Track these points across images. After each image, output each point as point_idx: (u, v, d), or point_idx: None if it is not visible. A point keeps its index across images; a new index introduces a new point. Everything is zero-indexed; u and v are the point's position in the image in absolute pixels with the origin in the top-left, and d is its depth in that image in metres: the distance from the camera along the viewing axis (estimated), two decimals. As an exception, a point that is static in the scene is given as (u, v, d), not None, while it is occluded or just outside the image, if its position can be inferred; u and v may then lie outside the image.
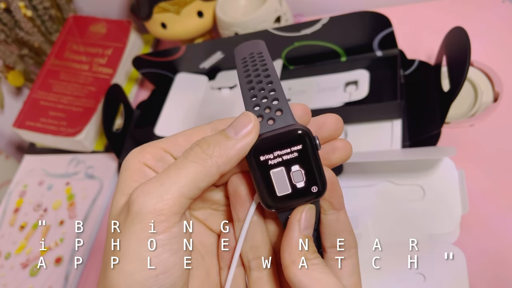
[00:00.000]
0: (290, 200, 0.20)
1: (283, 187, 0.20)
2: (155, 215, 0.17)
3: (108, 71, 0.59)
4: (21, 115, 0.59)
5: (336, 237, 0.21)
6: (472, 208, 0.35)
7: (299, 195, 0.20)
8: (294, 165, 0.19)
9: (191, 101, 0.50)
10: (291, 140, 0.19)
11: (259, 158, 0.19)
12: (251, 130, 0.19)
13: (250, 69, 0.21)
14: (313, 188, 0.20)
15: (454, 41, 0.39)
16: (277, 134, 0.19)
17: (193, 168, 0.18)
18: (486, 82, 0.45)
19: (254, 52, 0.22)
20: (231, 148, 0.19)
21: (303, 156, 0.19)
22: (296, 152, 0.19)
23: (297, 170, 0.19)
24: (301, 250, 0.19)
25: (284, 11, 0.50)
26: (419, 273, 0.34)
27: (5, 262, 0.52)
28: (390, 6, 0.55)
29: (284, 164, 0.19)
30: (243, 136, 0.19)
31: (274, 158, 0.19)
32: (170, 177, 0.18)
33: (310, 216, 0.20)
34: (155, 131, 0.47)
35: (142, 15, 0.54)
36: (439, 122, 0.39)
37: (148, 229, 0.17)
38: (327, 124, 0.21)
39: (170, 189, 0.18)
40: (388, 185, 0.38)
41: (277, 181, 0.20)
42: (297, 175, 0.20)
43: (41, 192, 0.56)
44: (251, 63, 0.22)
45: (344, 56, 0.47)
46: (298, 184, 0.20)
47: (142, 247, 0.17)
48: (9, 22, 0.64)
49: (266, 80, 0.20)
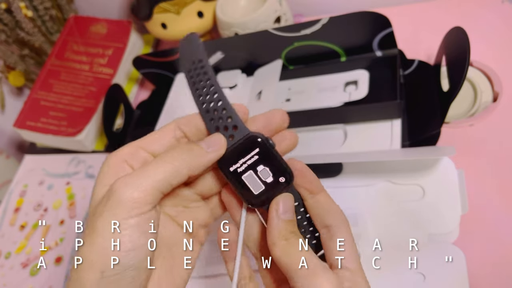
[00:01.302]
0: (267, 194, 0.24)
1: (257, 186, 0.24)
2: (132, 202, 0.21)
3: (109, 71, 0.60)
4: (21, 115, 0.59)
5: (322, 218, 0.24)
6: (471, 208, 0.35)
7: (272, 188, 0.24)
8: (258, 166, 0.24)
9: (191, 101, 0.50)
10: (249, 147, 0.24)
11: (230, 170, 0.24)
12: (220, 147, 0.24)
13: (199, 87, 0.25)
14: (281, 179, 0.24)
15: (453, 41, 0.40)
16: (237, 146, 0.24)
17: (168, 168, 0.22)
18: (486, 82, 0.45)
19: (195, 61, 0.25)
20: (202, 157, 0.23)
21: (263, 156, 0.23)
22: (256, 155, 0.23)
23: (262, 169, 0.24)
24: (282, 232, 0.23)
25: (284, 11, 0.50)
26: (419, 273, 0.34)
27: (5, 261, 0.52)
28: (389, 6, 0.55)
29: (251, 167, 0.24)
30: (213, 150, 0.23)
31: (241, 166, 0.24)
32: (147, 173, 0.22)
33: (285, 202, 0.24)
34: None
35: (142, 16, 0.55)
36: (439, 122, 0.39)
37: (125, 213, 0.21)
38: (275, 118, 0.25)
39: (146, 182, 0.21)
40: (387, 185, 0.38)
41: (250, 183, 0.24)
42: (264, 173, 0.24)
43: (42, 192, 0.57)
44: (197, 77, 0.25)
45: (344, 56, 0.47)
46: (268, 179, 0.24)
47: (117, 227, 0.21)
48: (10, 22, 0.64)
49: (215, 98, 0.24)
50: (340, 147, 0.42)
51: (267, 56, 0.48)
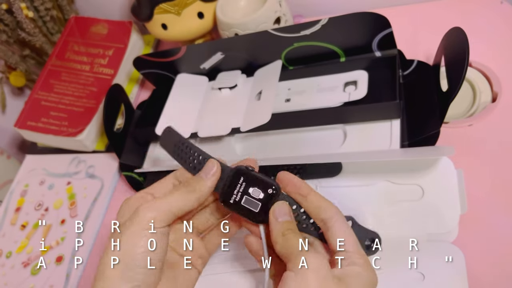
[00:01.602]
0: (265, 207, 0.29)
1: (255, 205, 0.29)
2: (150, 220, 0.27)
3: (109, 72, 0.60)
4: (22, 115, 0.59)
5: (316, 214, 0.28)
6: (470, 208, 0.35)
7: (267, 201, 0.29)
8: (249, 189, 0.29)
9: (191, 101, 0.50)
10: (236, 179, 0.29)
11: (231, 203, 0.29)
12: (216, 171, 0.30)
13: (185, 157, 0.32)
14: (269, 190, 0.29)
15: (453, 42, 0.40)
16: (228, 183, 0.29)
17: (181, 197, 0.29)
18: (485, 83, 0.45)
19: (177, 143, 0.32)
20: (205, 183, 0.30)
21: (249, 180, 0.29)
22: (243, 182, 0.29)
23: (253, 190, 0.29)
24: (280, 231, 0.27)
25: (283, 12, 0.51)
26: (418, 272, 0.34)
27: (6, 261, 0.52)
28: (389, 6, 0.55)
29: (244, 193, 0.29)
30: (211, 176, 0.30)
31: (237, 195, 0.29)
32: (165, 200, 0.29)
33: (279, 207, 0.28)
34: (156, 131, 0.47)
35: (143, 16, 0.55)
36: (438, 122, 0.39)
37: (145, 228, 0.27)
38: (249, 163, 0.31)
39: (163, 206, 0.28)
40: (387, 185, 0.38)
41: (249, 205, 0.29)
42: (255, 192, 0.29)
43: (42, 192, 0.57)
44: (181, 152, 0.32)
45: (343, 56, 0.47)
46: (260, 195, 0.29)
47: (139, 238, 0.27)
48: (11, 23, 0.64)
49: (200, 159, 0.31)
50: (340, 147, 0.42)
51: (267, 57, 0.48)
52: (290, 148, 0.45)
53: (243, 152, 0.47)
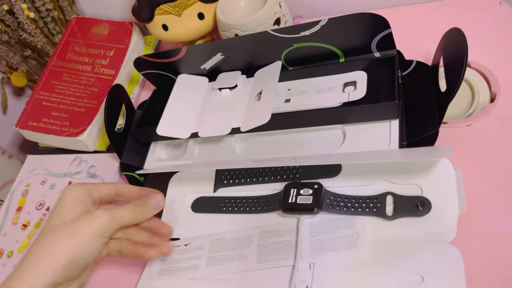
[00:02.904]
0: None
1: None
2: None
3: (110, 72, 0.60)
4: (24, 116, 0.59)
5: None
6: (469, 208, 0.35)
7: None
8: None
9: (192, 102, 0.51)
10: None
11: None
12: (160, 206, 0.38)
13: None
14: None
15: (451, 42, 0.40)
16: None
17: (128, 214, 0.36)
18: (483, 83, 0.45)
19: None
20: (151, 212, 0.38)
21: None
22: None
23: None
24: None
25: (283, 13, 0.51)
26: (416, 273, 0.34)
27: (7, 260, 0.53)
28: (388, 7, 0.55)
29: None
30: (156, 208, 0.38)
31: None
32: (117, 211, 0.35)
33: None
34: (157, 131, 0.48)
35: (144, 17, 0.55)
36: (437, 122, 0.39)
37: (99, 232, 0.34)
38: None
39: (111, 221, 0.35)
40: (386, 185, 0.38)
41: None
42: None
43: (44, 191, 0.57)
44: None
45: (343, 57, 0.47)
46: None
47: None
48: (12, 23, 0.65)
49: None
50: (339, 147, 0.42)
51: (267, 57, 0.49)
52: (290, 148, 0.45)
53: (243, 152, 0.48)
